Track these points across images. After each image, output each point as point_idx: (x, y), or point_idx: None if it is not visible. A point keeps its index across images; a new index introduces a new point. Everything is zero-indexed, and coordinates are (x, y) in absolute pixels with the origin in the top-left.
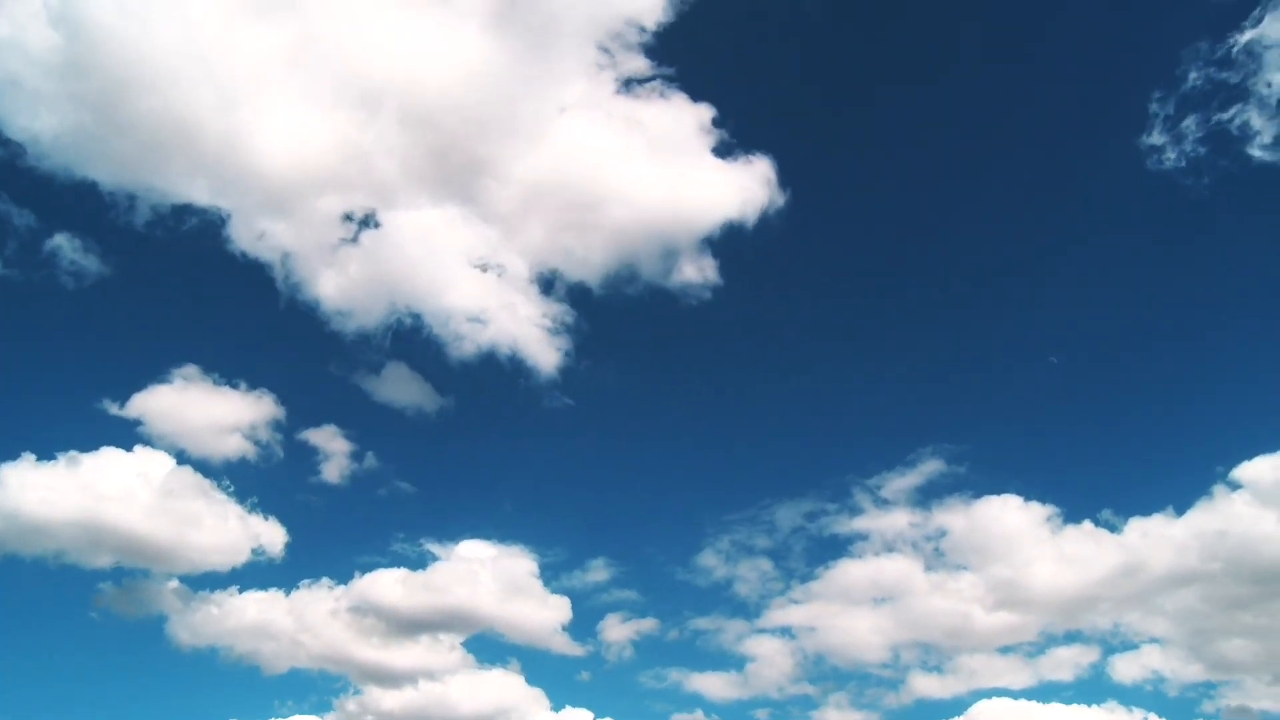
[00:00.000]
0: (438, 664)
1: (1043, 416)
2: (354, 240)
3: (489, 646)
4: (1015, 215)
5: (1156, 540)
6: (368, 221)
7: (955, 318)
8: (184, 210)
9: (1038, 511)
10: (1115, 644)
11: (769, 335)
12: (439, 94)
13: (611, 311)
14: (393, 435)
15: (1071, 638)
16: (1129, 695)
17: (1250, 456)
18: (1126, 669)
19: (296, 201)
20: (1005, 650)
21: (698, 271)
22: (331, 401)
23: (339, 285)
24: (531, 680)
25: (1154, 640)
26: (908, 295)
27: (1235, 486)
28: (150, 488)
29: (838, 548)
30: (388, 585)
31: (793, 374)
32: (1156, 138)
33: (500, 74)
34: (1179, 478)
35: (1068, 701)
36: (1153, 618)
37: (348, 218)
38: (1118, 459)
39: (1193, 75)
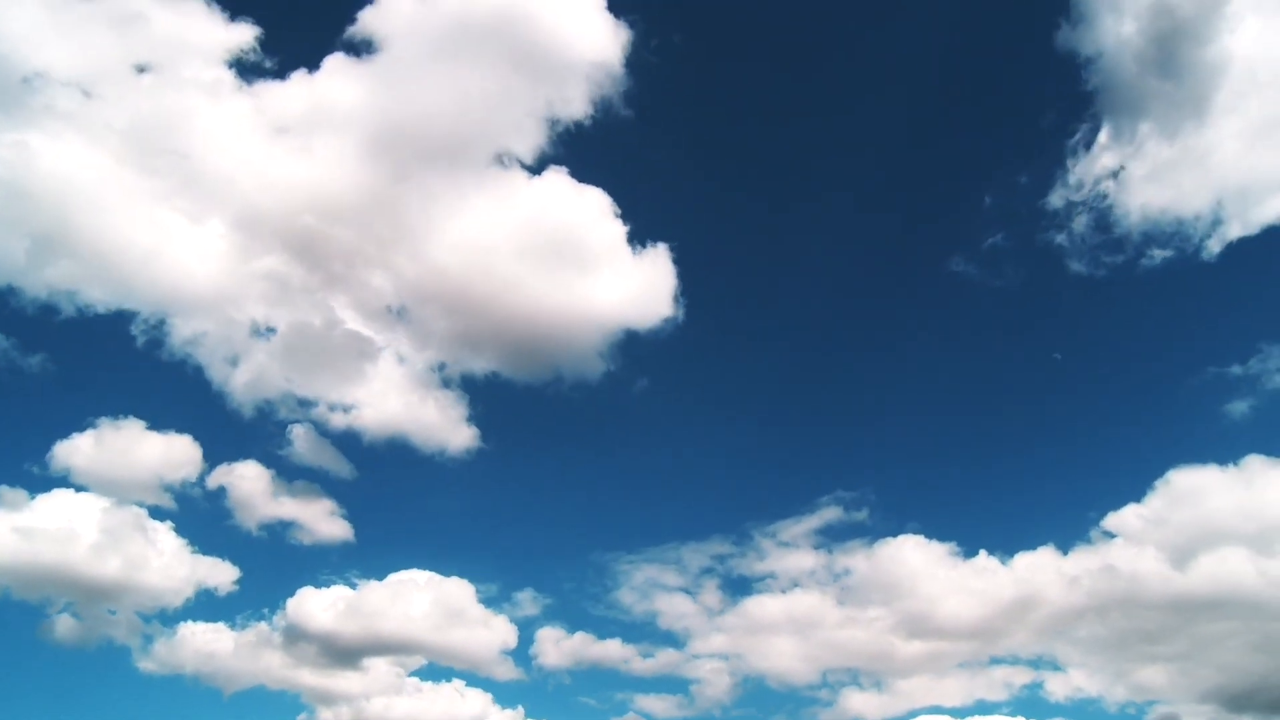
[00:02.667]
0: (386, 686)
1: (928, 468)
2: (260, 337)
3: (437, 669)
4: (888, 300)
5: (1054, 575)
6: (270, 328)
7: (840, 384)
8: (101, 315)
9: (939, 548)
10: (1043, 667)
11: (665, 406)
12: (332, 204)
13: (515, 391)
14: (321, 485)
15: (996, 661)
16: (1065, 713)
17: (1118, 506)
18: (1056, 690)
19: (203, 307)
20: (933, 673)
21: (597, 353)
22: (256, 455)
23: (250, 377)
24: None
25: (1077, 665)
26: (788, 375)
27: (1110, 535)
28: (95, 529)
29: (747, 586)
30: (331, 613)
31: (690, 435)
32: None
33: (388, 183)
34: (1059, 523)
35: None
36: (1070, 645)
37: (252, 320)
38: (999, 504)
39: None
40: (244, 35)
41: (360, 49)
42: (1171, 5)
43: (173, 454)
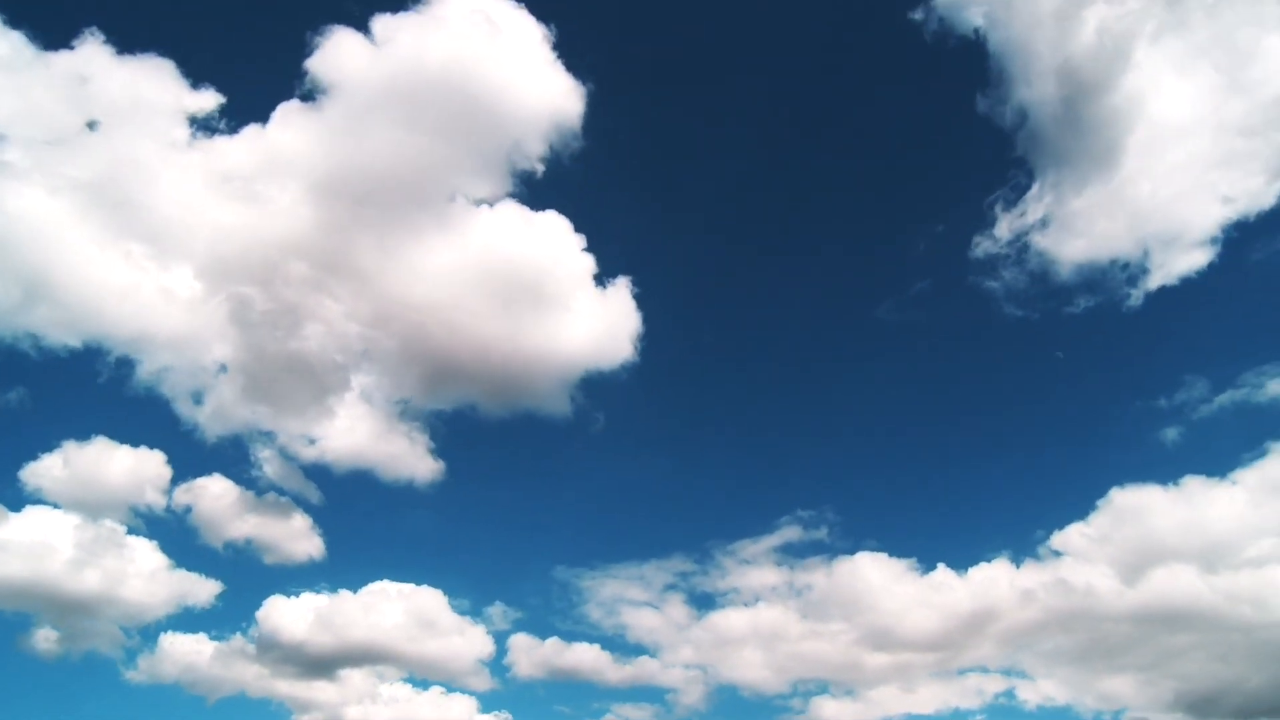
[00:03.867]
0: (364, 694)
1: (884, 488)
2: (225, 375)
3: (414, 679)
4: (842, 331)
5: (1009, 589)
6: (234, 366)
7: (797, 409)
8: (65, 358)
9: (898, 564)
10: (1013, 676)
11: (624, 435)
12: (293, 246)
13: (479, 425)
14: (293, 503)
15: (965, 672)
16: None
17: (1063, 525)
18: (1028, 698)
19: (171, 348)
20: (901, 684)
21: (561, 390)
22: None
23: (214, 410)
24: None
25: (1044, 676)
26: (744, 404)
27: (1058, 553)
28: (72, 544)
29: (711, 601)
30: (307, 624)
31: (649, 463)
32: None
33: (349, 224)
34: (1009, 542)
35: None
36: (1035, 657)
37: (217, 359)
38: (951, 523)
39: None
40: (207, 101)
41: (312, 95)
42: (1076, 66)
43: (144, 472)
